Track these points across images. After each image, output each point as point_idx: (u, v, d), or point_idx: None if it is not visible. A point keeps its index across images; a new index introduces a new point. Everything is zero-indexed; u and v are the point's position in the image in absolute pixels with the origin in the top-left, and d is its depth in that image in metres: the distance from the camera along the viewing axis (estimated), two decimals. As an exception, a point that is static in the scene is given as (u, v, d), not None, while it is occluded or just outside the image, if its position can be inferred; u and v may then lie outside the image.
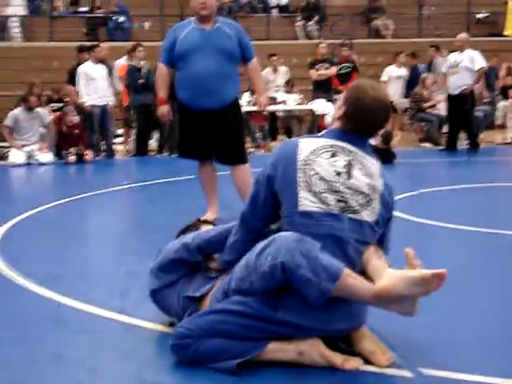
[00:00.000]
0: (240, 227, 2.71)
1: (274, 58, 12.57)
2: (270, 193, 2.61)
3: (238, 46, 5.05)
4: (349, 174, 2.55)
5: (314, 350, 2.45)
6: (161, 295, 2.86)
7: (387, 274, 2.36)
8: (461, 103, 10.29)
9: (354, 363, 2.46)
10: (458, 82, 10.27)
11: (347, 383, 2.37)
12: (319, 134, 2.75)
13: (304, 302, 2.39)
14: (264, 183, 2.62)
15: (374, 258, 2.50)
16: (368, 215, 2.54)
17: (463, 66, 10.28)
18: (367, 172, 2.58)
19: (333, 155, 2.57)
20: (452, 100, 10.47)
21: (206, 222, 3.29)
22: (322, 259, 2.35)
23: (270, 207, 2.63)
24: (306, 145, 2.60)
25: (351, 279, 2.37)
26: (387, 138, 9.38)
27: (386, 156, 9.14)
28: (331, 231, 2.48)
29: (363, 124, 2.62)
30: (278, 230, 2.56)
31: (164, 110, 5.38)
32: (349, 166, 2.56)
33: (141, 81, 10.53)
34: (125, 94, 11.10)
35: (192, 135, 5.15)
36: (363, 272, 2.49)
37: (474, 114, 11.88)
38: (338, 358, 2.46)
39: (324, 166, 2.53)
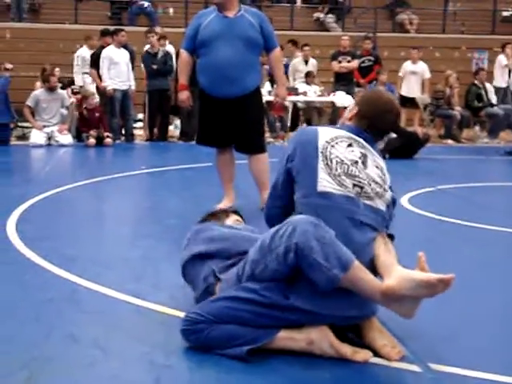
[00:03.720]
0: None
1: (307, 48, 12.51)
2: (287, 173, 2.69)
3: (261, 34, 5.04)
4: (364, 165, 2.64)
5: (323, 339, 2.47)
6: (192, 264, 2.88)
7: (395, 274, 2.37)
8: None
9: (363, 355, 2.47)
10: None
11: (356, 375, 2.38)
12: (336, 126, 2.83)
13: (315, 288, 2.41)
14: (283, 164, 2.71)
15: (383, 252, 2.51)
16: (381, 204, 2.62)
17: None
18: (379, 166, 2.70)
19: (349, 145, 2.67)
20: None
21: (229, 211, 3.34)
22: (335, 246, 2.38)
23: (288, 188, 2.72)
24: (325, 132, 2.70)
25: (361, 272, 2.39)
26: (426, 139, 9.56)
27: (415, 145, 9.26)
28: (347, 214, 2.53)
29: (375, 123, 2.75)
30: None
31: (183, 95, 5.38)
32: (364, 157, 2.66)
33: (155, 66, 10.55)
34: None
35: (211, 122, 5.17)
36: (372, 261, 2.51)
37: (494, 112, 11.84)
38: (347, 349, 2.47)
39: (343, 152, 2.63)
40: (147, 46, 11.11)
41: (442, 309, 3.08)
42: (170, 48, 11.43)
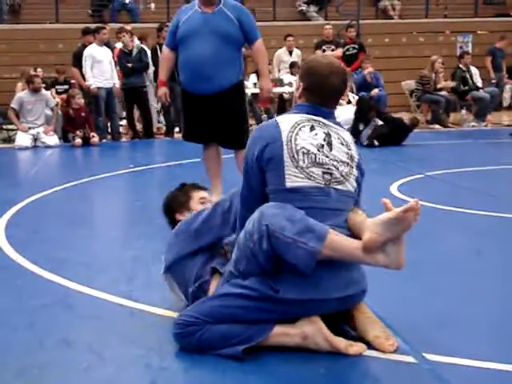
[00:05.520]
0: (242, 208, 2.72)
1: (291, 38, 12.47)
2: (261, 173, 2.60)
3: (240, 28, 4.96)
4: (330, 146, 2.61)
5: (318, 333, 2.47)
6: (179, 264, 2.84)
7: (368, 226, 2.41)
8: None
9: (357, 349, 2.47)
10: None
11: (351, 369, 2.38)
12: (292, 111, 2.76)
13: (299, 277, 2.41)
14: (255, 166, 2.60)
15: (351, 215, 2.57)
16: (351, 184, 2.61)
17: None
18: (344, 141, 2.66)
19: (311, 129, 2.61)
20: None
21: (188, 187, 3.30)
22: (307, 222, 2.40)
23: (262, 188, 2.61)
24: (286, 122, 2.63)
25: (338, 237, 2.41)
26: (414, 123, 9.53)
27: (402, 131, 9.26)
28: (318, 205, 2.52)
29: (324, 91, 2.67)
30: None
31: (160, 91, 5.39)
32: (328, 137, 2.62)
33: (130, 64, 10.49)
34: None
35: (193, 119, 5.15)
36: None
37: (481, 96, 11.87)
38: (341, 343, 2.47)
39: (307, 139, 2.58)
40: (119, 45, 11.01)
41: (435, 298, 3.09)
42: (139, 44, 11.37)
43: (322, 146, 2.59)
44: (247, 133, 5.23)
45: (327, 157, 2.58)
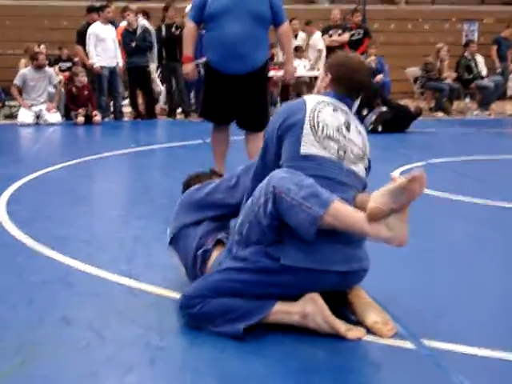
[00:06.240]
0: (253, 182, 2.75)
1: (296, 22, 12.43)
2: (279, 144, 2.66)
3: (270, 8, 4.92)
4: (348, 129, 2.69)
5: (318, 313, 2.48)
6: (182, 235, 2.88)
7: (372, 198, 2.42)
8: None
9: (356, 333, 2.48)
10: None
11: (350, 353, 2.39)
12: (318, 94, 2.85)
13: (300, 243, 2.43)
14: (275, 137, 2.67)
15: (358, 196, 2.62)
16: (360, 169, 2.68)
17: None
18: (361, 132, 2.77)
19: (334, 110, 2.70)
20: None
21: (215, 173, 3.38)
22: (314, 188, 2.41)
23: (277, 160, 2.67)
24: (312, 98, 2.75)
25: (342, 206, 2.42)
26: (417, 112, 9.54)
27: (406, 118, 9.25)
28: (329, 175, 2.56)
29: (352, 83, 2.80)
30: None
31: (188, 68, 5.20)
32: (347, 122, 2.71)
33: (133, 43, 10.46)
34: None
35: (216, 98, 5.03)
36: None
37: (485, 84, 11.83)
38: (341, 325, 2.48)
39: (328, 117, 2.66)
40: (124, 23, 10.96)
41: (434, 284, 3.10)
42: (145, 23, 11.33)
43: (341, 127, 2.67)
44: (268, 115, 5.14)
45: (344, 137, 2.65)
